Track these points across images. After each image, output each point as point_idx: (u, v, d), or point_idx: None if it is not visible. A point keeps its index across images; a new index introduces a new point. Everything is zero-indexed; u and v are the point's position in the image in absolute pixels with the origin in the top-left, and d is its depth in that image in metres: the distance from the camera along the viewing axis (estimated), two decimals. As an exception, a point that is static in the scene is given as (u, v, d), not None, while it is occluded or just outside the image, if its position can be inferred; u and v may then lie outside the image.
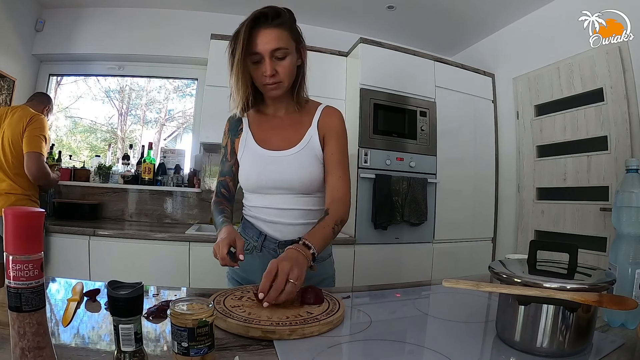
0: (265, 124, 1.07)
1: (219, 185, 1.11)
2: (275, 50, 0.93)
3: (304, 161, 1.01)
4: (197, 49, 2.66)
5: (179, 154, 2.87)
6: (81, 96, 3.02)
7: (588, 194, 2.23)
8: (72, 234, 2.07)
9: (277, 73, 0.95)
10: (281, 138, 1.04)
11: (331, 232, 0.94)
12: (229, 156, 1.10)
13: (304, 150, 1.02)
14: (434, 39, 3.09)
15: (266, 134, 1.06)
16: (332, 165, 1.03)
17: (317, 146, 1.03)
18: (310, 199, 1.04)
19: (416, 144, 2.53)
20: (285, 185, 1.01)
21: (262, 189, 1.04)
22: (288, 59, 0.95)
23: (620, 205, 0.76)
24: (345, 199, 1.02)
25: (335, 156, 1.04)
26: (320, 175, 1.03)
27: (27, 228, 0.44)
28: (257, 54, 0.93)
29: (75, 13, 2.72)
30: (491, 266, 0.69)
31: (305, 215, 1.04)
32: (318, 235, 0.91)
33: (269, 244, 1.04)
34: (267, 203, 1.04)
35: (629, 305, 0.55)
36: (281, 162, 1.01)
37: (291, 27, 0.96)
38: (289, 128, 1.05)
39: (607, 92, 2.11)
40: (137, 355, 0.50)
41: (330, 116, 1.07)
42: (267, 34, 0.92)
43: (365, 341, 0.67)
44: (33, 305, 0.44)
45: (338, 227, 0.96)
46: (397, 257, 2.44)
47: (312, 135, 1.03)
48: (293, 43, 0.97)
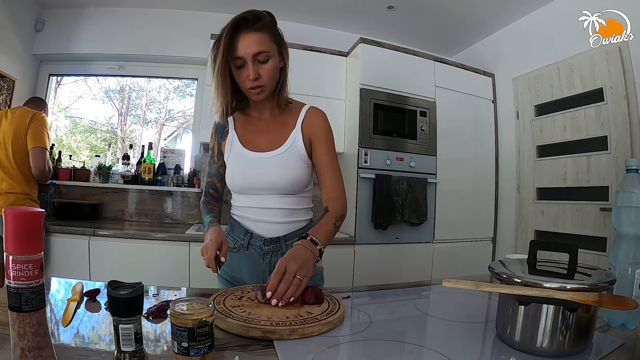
0: (250, 126, 1.09)
1: (207, 185, 1.14)
2: (258, 54, 0.94)
3: (288, 162, 1.03)
4: (197, 49, 2.66)
5: (179, 154, 2.87)
6: (81, 96, 3.02)
7: (588, 194, 2.23)
8: (72, 234, 2.07)
9: (260, 77, 0.96)
10: (266, 140, 1.06)
11: (333, 227, 0.98)
12: (216, 158, 1.13)
13: (288, 152, 1.04)
14: (434, 39, 3.09)
15: (251, 136, 1.08)
16: (323, 166, 1.06)
17: (300, 147, 1.04)
18: (295, 199, 1.06)
19: (416, 144, 2.53)
20: (270, 186, 1.03)
21: (247, 190, 1.06)
22: (270, 62, 0.97)
23: (620, 205, 0.76)
24: (342, 196, 1.05)
25: (325, 157, 1.06)
26: (304, 176, 1.05)
27: (27, 228, 0.44)
28: (240, 58, 0.94)
29: (75, 13, 2.72)
30: (491, 266, 0.69)
31: (290, 214, 1.06)
32: (322, 231, 0.95)
33: (255, 242, 1.06)
34: (252, 203, 1.06)
35: (629, 305, 0.55)
36: (266, 164, 1.03)
37: (272, 30, 0.98)
38: (274, 130, 1.07)
39: (607, 92, 2.11)
40: (137, 355, 0.50)
41: (314, 118, 1.08)
42: (248, 39, 0.93)
43: (365, 341, 0.67)
44: (33, 305, 0.44)
45: (338, 222, 1.00)
46: (397, 257, 2.44)
47: (296, 136, 1.05)
48: (274, 46, 0.98)
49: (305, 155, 1.05)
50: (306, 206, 1.11)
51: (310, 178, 1.10)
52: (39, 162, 1.95)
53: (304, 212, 1.10)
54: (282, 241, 1.06)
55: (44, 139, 1.99)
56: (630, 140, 1.99)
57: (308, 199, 1.12)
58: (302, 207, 1.09)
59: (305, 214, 1.11)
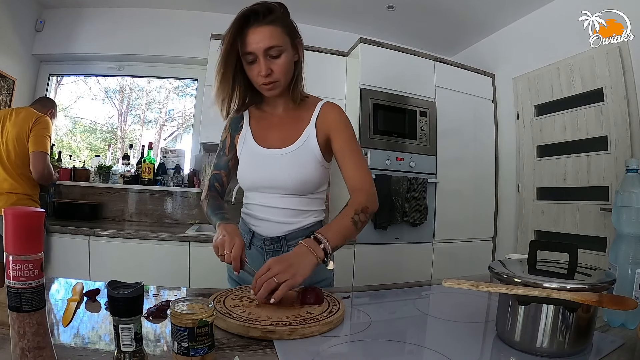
0: (263, 122, 1.06)
1: (212, 178, 1.08)
2: (269, 49, 0.89)
3: (299, 160, 0.99)
4: (197, 49, 2.66)
5: (179, 154, 2.87)
6: (81, 96, 3.02)
7: (588, 194, 2.23)
8: (72, 234, 2.07)
9: (272, 72, 0.91)
10: (278, 136, 1.02)
11: (350, 222, 0.88)
12: (227, 150, 1.09)
13: (301, 149, 0.99)
14: (434, 39, 3.09)
15: (264, 132, 1.04)
16: (343, 158, 0.99)
17: (314, 145, 0.99)
18: (304, 199, 1.02)
19: (416, 144, 2.53)
20: (278, 184, 0.99)
21: (257, 187, 1.03)
22: (283, 56, 0.92)
23: (620, 205, 0.76)
24: (365, 186, 0.96)
25: (344, 149, 0.99)
26: (315, 176, 1.00)
27: (27, 228, 0.44)
28: (251, 53, 0.90)
29: (75, 13, 2.72)
30: (491, 266, 0.69)
31: (295, 214, 1.01)
32: (333, 227, 0.86)
33: (256, 242, 1.04)
34: (260, 200, 1.03)
35: (629, 305, 0.55)
36: (277, 161, 0.99)
37: (284, 23, 0.92)
38: (287, 126, 1.03)
39: (607, 92, 2.11)
40: (137, 355, 0.50)
41: (329, 112, 1.02)
42: (259, 32, 0.88)
43: (365, 341, 0.67)
44: (33, 305, 0.44)
45: (359, 216, 0.90)
46: (397, 257, 2.44)
47: (310, 133, 1.00)
48: (287, 39, 0.92)
49: (320, 154, 1.00)
50: (316, 208, 1.05)
51: (324, 179, 1.04)
52: (38, 166, 1.94)
53: (312, 213, 1.04)
54: (284, 241, 1.02)
55: (45, 143, 1.98)
56: (630, 140, 1.99)
57: (319, 200, 1.06)
58: (311, 208, 1.03)
59: (315, 215, 1.05)
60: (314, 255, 0.80)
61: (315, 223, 1.05)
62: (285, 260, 0.77)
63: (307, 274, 0.77)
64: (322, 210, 1.08)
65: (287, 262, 0.76)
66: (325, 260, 0.82)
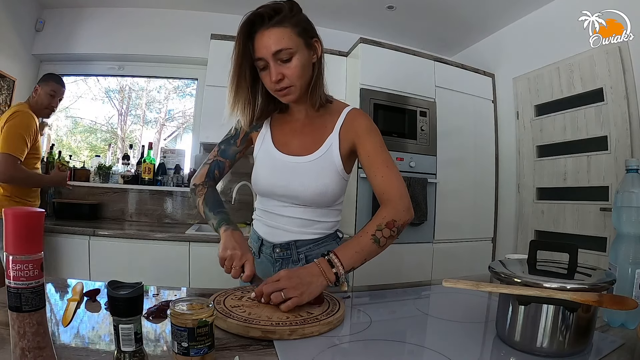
0: (285, 126, 1.00)
1: (214, 165, 1.02)
2: (278, 52, 0.83)
3: (319, 171, 0.93)
4: (197, 49, 2.66)
5: (179, 154, 2.87)
6: (81, 96, 3.02)
7: (588, 194, 2.23)
8: (72, 234, 2.07)
9: (284, 77, 0.86)
10: (299, 143, 0.96)
11: (370, 240, 0.83)
12: (239, 141, 1.02)
13: (321, 159, 0.93)
14: (434, 39, 3.09)
15: (285, 137, 0.99)
16: (371, 167, 0.91)
17: (336, 155, 0.93)
18: (319, 211, 0.97)
19: (416, 144, 2.53)
20: (294, 195, 0.94)
21: (271, 194, 0.98)
22: (295, 59, 0.85)
23: (620, 205, 0.76)
24: (393, 198, 0.88)
25: (372, 157, 0.91)
26: (334, 189, 0.94)
27: (27, 228, 0.44)
28: (261, 59, 0.85)
29: (75, 13, 2.72)
30: (491, 266, 0.69)
31: (309, 224, 0.97)
32: (350, 247, 0.82)
33: (265, 249, 1.01)
34: (273, 208, 0.99)
35: (629, 305, 0.55)
36: (295, 169, 0.94)
37: (294, 22, 0.85)
38: (309, 133, 0.97)
39: (607, 92, 2.11)
40: (137, 355, 0.50)
41: (355, 119, 0.95)
42: (265, 36, 0.83)
43: (365, 341, 0.67)
44: (33, 305, 0.44)
45: (383, 232, 0.84)
46: (397, 257, 2.44)
47: (333, 142, 0.94)
48: (299, 39, 0.85)
49: (340, 165, 0.94)
50: (331, 219, 1.00)
51: (342, 192, 0.99)
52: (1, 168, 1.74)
53: (326, 225, 0.99)
54: (293, 247, 0.98)
55: (12, 143, 1.77)
56: (630, 140, 1.99)
57: (336, 211, 1.01)
58: (325, 220, 0.98)
59: (329, 227, 1.00)
60: (325, 278, 0.77)
61: (329, 234, 1.01)
62: (296, 277, 0.74)
63: (314, 296, 0.75)
64: (336, 222, 1.03)
65: (298, 279, 0.74)
66: (337, 283, 0.80)
